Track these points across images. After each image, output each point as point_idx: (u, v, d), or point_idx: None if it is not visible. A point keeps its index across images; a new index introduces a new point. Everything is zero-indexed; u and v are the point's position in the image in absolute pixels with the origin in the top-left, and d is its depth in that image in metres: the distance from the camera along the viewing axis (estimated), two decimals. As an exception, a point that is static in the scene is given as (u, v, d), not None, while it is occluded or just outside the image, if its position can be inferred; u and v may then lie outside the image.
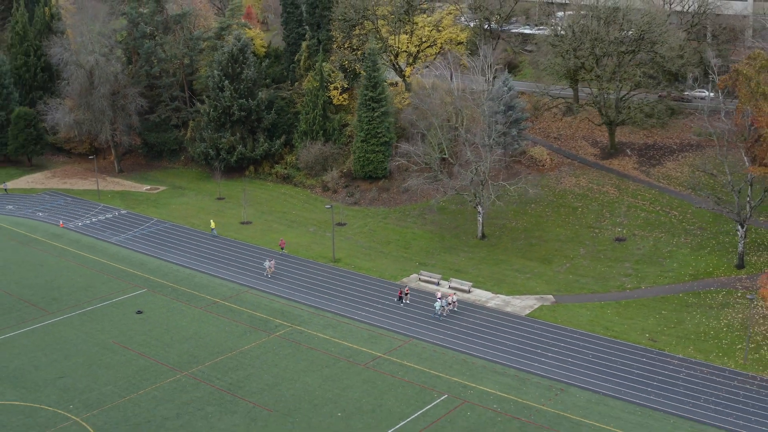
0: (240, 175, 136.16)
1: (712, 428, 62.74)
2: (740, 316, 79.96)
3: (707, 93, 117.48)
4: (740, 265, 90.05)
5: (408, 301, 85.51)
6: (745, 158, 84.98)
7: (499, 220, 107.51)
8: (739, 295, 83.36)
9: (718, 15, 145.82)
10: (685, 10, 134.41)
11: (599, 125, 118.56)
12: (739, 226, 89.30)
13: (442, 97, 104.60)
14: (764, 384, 69.25)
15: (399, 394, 67.74)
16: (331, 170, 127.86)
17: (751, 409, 65.32)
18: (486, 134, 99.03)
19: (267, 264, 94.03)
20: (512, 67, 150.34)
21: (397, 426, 63.08)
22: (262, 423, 64.06)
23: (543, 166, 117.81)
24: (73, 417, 65.84)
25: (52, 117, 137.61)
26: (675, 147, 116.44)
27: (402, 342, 77.67)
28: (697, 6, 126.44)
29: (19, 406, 68.21)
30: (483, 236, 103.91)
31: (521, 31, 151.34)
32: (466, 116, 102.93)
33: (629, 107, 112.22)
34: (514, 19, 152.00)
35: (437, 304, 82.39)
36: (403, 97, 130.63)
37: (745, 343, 74.87)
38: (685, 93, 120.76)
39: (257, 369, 72.76)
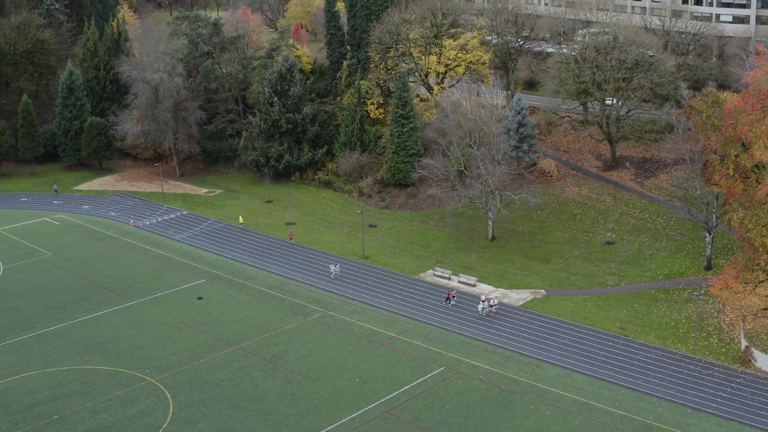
0: (287, 180, 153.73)
1: (653, 398, 78.53)
2: (699, 310, 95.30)
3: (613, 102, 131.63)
4: (708, 267, 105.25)
5: (455, 303, 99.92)
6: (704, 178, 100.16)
7: (508, 224, 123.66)
8: (702, 292, 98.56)
9: (721, 37, 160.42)
10: (686, 31, 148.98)
11: (600, 141, 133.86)
12: (707, 234, 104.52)
13: (459, 117, 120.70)
14: (706, 365, 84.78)
15: (406, 366, 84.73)
16: (366, 177, 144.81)
17: (690, 385, 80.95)
18: (495, 151, 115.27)
19: (333, 268, 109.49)
20: (533, 83, 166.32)
21: (402, 389, 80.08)
22: (296, 385, 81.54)
23: (551, 176, 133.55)
24: (148, 378, 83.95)
25: (122, 127, 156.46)
26: (669, 161, 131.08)
27: (413, 325, 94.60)
28: (693, 30, 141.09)
29: (105, 369, 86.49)
30: (493, 238, 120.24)
31: (542, 49, 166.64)
32: (479, 134, 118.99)
33: (623, 126, 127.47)
34: (541, 35, 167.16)
35: (480, 306, 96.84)
36: (431, 113, 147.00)
37: (698, 332, 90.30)
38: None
39: (294, 344, 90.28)
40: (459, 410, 76.20)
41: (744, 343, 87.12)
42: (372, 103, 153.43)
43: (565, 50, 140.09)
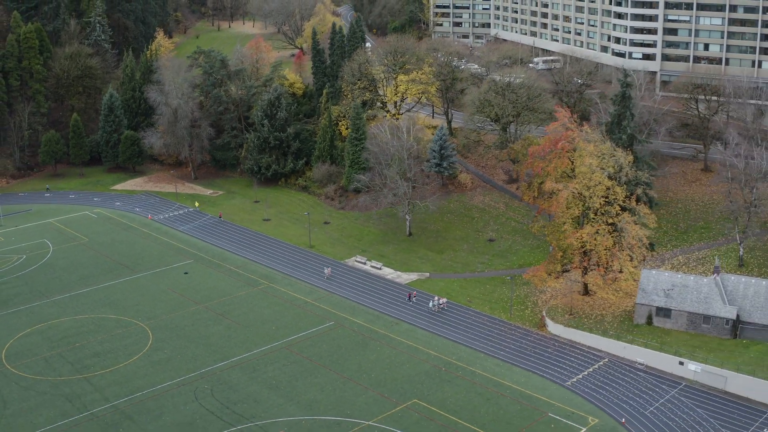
0: (275, 184, 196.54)
1: (463, 346, 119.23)
2: (527, 290, 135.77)
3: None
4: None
5: (415, 300, 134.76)
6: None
7: (424, 224, 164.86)
8: (512, 277, 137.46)
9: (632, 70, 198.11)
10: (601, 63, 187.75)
11: (503, 161, 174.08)
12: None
13: (382, 145, 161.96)
14: (513, 328, 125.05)
15: (308, 320, 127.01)
16: (333, 184, 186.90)
17: (493, 339, 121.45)
18: (407, 170, 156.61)
19: (326, 270, 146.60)
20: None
21: (300, 334, 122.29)
22: (233, 330, 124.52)
23: (466, 187, 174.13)
24: (140, 323, 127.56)
25: (149, 141, 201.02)
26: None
27: (325, 295, 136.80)
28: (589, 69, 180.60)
29: (113, 317, 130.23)
30: (410, 234, 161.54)
31: (481, 74, 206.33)
32: (399, 156, 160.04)
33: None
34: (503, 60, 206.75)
35: (431, 303, 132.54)
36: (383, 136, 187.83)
37: (521, 306, 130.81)
38: None
39: (239, 305, 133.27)
40: (330, 348, 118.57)
41: (543, 313, 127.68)
42: (343, 125, 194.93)
43: (496, 77, 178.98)
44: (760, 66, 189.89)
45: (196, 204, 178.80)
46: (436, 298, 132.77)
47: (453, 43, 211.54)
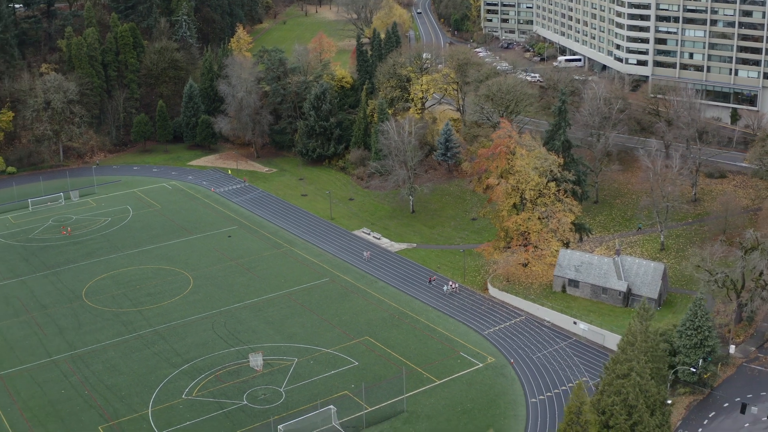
0: (320, 164, 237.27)
1: (419, 301, 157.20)
2: (484, 261, 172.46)
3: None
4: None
5: (434, 283, 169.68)
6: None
7: (426, 203, 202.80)
8: (464, 251, 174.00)
9: (624, 76, 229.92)
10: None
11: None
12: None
13: (390, 141, 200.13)
14: (463, 289, 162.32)
15: (310, 275, 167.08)
16: (363, 167, 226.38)
17: (445, 298, 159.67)
18: (408, 159, 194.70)
19: (365, 253, 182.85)
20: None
21: (301, 286, 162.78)
22: (253, 280, 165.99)
23: (467, 173, 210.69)
24: (186, 273, 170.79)
25: (219, 125, 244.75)
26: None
27: (329, 258, 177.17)
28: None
29: (167, 268, 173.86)
30: (413, 211, 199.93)
31: (503, 69, 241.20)
32: (400, 150, 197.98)
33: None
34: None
35: (445, 287, 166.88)
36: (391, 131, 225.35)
37: (478, 273, 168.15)
38: None
39: (263, 262, 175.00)
40: (320, 297, 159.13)
41: (487, 280, 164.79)
42: (377, 117, 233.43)
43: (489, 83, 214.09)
44: (736, 74, 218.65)
45: (229, 171, 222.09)
46: (450, 282, 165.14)
47: (466, 51, 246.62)
